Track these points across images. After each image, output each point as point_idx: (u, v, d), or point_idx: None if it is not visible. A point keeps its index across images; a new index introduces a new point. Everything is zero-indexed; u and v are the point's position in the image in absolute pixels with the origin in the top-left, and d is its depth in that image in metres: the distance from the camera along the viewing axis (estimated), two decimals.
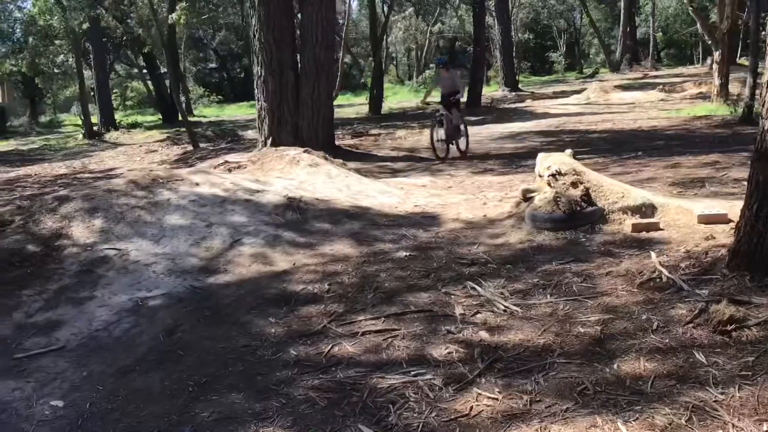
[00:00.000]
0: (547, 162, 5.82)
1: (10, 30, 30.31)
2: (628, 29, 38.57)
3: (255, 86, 12.73)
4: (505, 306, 4.09)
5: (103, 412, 3.43)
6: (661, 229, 5.12)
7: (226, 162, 8.88)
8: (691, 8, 17.44)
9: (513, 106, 23.32)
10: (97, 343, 4.24)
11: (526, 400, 3.03)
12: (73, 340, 4.24)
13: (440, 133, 11.77)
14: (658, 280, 4.18)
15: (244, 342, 4.04)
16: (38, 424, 3.39)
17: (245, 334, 4.16)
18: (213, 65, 44.90)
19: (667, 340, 3.41)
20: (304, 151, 8.65)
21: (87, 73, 29.06)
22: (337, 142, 13.71)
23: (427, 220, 6.26)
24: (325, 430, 3.02)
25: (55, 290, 4.90)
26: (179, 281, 5.06)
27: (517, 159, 11.10)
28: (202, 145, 17.52)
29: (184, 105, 23.39)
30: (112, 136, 24.52)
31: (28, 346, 4.25)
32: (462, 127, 12.01)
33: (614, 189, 5.55)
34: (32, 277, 5.08)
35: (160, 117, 29.35)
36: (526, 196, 5.78)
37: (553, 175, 5.55)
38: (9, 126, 33.62)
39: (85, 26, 24.05)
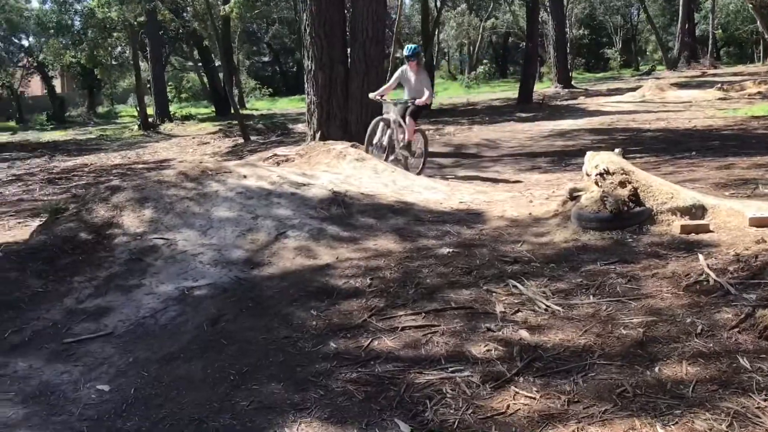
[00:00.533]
0: (594, 161, 5.74)
1: (70, 22, 31.18)
2: (687, 26, 37.70)
3: (305, 80, 12.83)
4: (546, 305, 4.05)
5: (147, 397, 3.52)
6: (711, 231, 5.00)
7: (275, 155, 9.00)
8: (751, 5, 16.93)
9: (565, 103, 23.02)
10: (144, 330, 4.35)
11: (564, 401, 3.00)
12: (121, 327, 4.35)
13: (382, 139, 9.27)
14: (704, 283, 4.09)
15: (285, 333, 4.09)
16: (84, 407, 3.49)
17: (287, 325, 4.21)
18: (266, 59, 45.43)
19: (711, 345, 3.34)
20: (351, 146, 8.70)
21: (143, 66, 29.69)
22: None
23: (472, 216, 6.23)
24: (362, 423, 3.04)
25: (104, 277, 5.04)
26: (224, 272, 5.15)
27: (566, 157, 10.96)
28: (252, 137, 17.76)
29: (236, 98, 23.73)
30: (166, 127, 25.03)
31: (77, 331, 4.38)
32: (418, 146, 9.68)
33: (663, 189, 5.44)
34: (83, 264, 5.22)
35: (213, 109, 29.85)
36: (573, 195, 5.70)
37: (601, 174, 5.47)
38: (68, 116, 34.66)
39: (141, 19, 24.60)
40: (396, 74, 9.91)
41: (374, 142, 9.19)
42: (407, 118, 9.18)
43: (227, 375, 3.64)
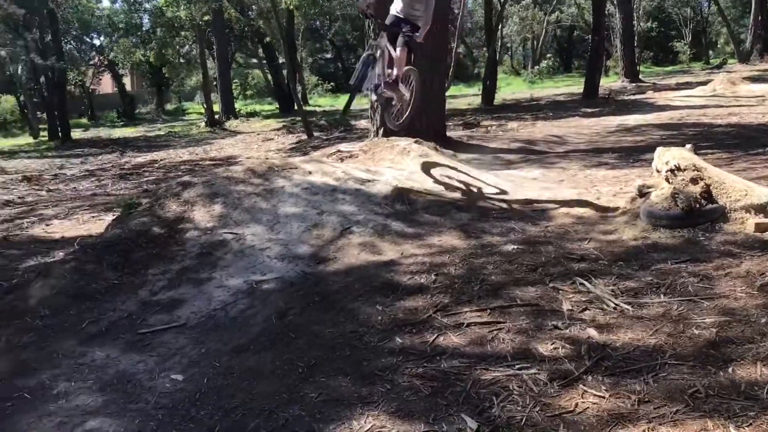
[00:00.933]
0: (665, 157, 5.61)
1: (140, 21, 32.07)
2: (760, 18, 36.29)
3: None
4: (615, 304, 4.00)
5: (219, 387, 3.62)
6: None
7: (339, 151, 9.07)
8: None
9: (632, 97, 22.49)
10: (215, 322, 4.47)
11: (634, 401, 2.96)
12: (193, 319, 4.48)
13: (372, 74, 7.23)
14: None
15: (352, 328, 4.14)
16: (159, 395, 3.62)
17: (352, 320, 4.26)
18: (328, 55, 45.79)
19: None
20: (415, 142, 8.70)
21: (210, 63, 30.33)
22: (447, 133, 13.70)
23: (537, 213, 6.18)
24: (429, 417, 3.07)
25: (177, 270, 5.19)
26: (291, 266, 5.24)
27: (634, 153, 10.72)
28: (315, 134, 17.95)
29: (299, 95, 24.00)
30: (231, 124, 25.52)
31: (151, 322, 4.53)
32: (411, 84, 7.00)
33: (737, 186, 5.28)
34: (156, 257, 5.39)
35: (277, 106, 30.26)
36: (642, 192, 5.59)
37: (672, 171, 5.35)
38: (137, 113, 35.70)
39: (208, 18, 25.13)
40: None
41: (372, 83, 7.18)
42: (398, 48, 6.76)
43: (296, 367, 3.72)
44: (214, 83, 30.30)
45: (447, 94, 15.22)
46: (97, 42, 36.86)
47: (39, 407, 3.60)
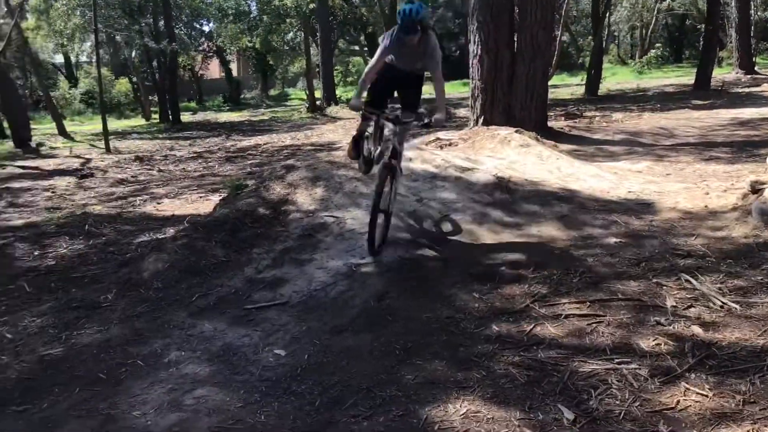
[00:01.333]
0: None
1: (248, 8, 32.94)
2: None
3: (470, 65, 12.82)
4: (722, 302, 3.87)
5: (319, 364, 3.74)
6: None
7: (438, 139, 9.09)
8: None
9: (746, 90, 21.39)
10: (315, 301, 4.61)
11: (739, 401, 2.88)
12: (295, 297, 4.63)
13: (371, 147, 5.53)
14: None
15: (448, 314, 4.18)
16: (263, 368, 3.77)
17: (449, 306, 4.31)
18: None
19: None
20: (516, 131, 8.62)
21: (313, 50, 30.83)
22: (549, 123, 13.47)
23: (641, 207, 6.01)
24: (524, 405, 3.08)
25: (280, 250, 5.36)
26: (389, 251, 5.31)
27: (748, 148, 10.22)
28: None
29: None
30: (332, 110, 25.89)
31: (256, 298, 4.72)
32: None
33: None
34: (261, 237, 5.58)
35: None
36: (755, 188, 5.36)
37: None
38: (242, 98, 36.75)
39: (313, 5, 25.56)
40: (382, 46, 5.25)
41: (365, 151, 5.63)
42: (405, 113, 5.33)
43: (393, 349, 3.80)
44: (317, 70, 30.81)
45: (549, 83, 14.95)
46: (206, 28, 38.10)
47: (151, 374, 3.82)
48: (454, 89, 30.66)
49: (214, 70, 42.60)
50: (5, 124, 21.29)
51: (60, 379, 3.79)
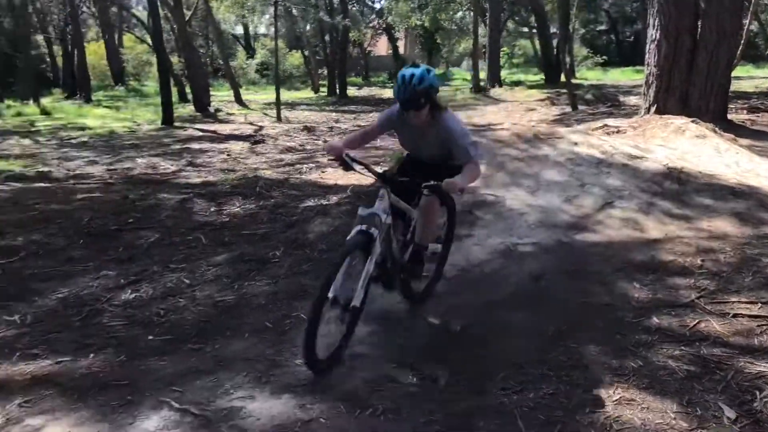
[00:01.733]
0: None
1: None
2: None
3: (646, 50, 12.24)
4: None
5: (471, 335, 3.80)
6: None
7: (605, 125, 8.83)
8: None
9: None
10: (471, 276, 4.66)
11: None
12: (452, 270, 4.70)
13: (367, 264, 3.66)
14: None
15: (606, 301, 4.10)
16: (417, 335, 3.88)
17: (607, 293, 4.22)
18: (602, 27, 43.95)
19: None
20: (692, 122, 8.20)
21: (481, 31, 30.63)
22: (729, 116, 12.63)
23: None
24: (682, 399, 2.99)
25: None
26: (548, 234, 5.27)
27: None
28: (580, 107, 17.49)
29: (568, 66, 23.46)
30: (495, 92, 25.65)
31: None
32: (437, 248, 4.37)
33: None
34: None
35: (543, 77, 29.83)
36: None
37: None
38: None
39: None
40: (382, 118, 4.26)
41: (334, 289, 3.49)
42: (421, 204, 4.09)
43: (545, 330, 3.78)
44: (483, 50, 30.60)
45: (732, 74, 13.98)
46: (377, 5, 38.89)
47: None
48: (625, 76, 29.48)
49: (381, 47, 43.42)
50: (188, 89, 22.92)
51: (231, 324, 4.09)
